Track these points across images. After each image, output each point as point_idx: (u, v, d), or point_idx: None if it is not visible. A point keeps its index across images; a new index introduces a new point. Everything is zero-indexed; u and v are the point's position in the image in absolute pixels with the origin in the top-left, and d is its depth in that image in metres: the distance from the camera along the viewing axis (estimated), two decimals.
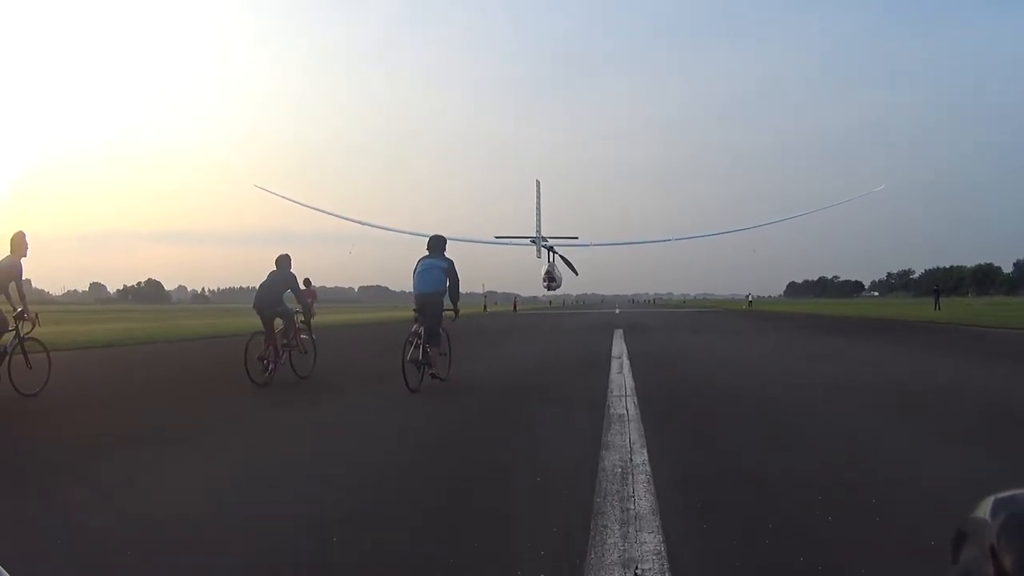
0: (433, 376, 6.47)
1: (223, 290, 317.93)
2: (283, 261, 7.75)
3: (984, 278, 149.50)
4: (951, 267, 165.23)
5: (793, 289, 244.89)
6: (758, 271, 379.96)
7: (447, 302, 6.73)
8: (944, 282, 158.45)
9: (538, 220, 59.61)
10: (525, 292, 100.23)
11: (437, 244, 6.84)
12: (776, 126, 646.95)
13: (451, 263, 6.70)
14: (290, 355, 7.52)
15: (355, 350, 12.76)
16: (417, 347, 6.26)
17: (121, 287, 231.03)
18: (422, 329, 6.36)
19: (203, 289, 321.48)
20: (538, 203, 59.46)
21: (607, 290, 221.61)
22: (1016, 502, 0.57)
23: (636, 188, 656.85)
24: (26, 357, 6.32)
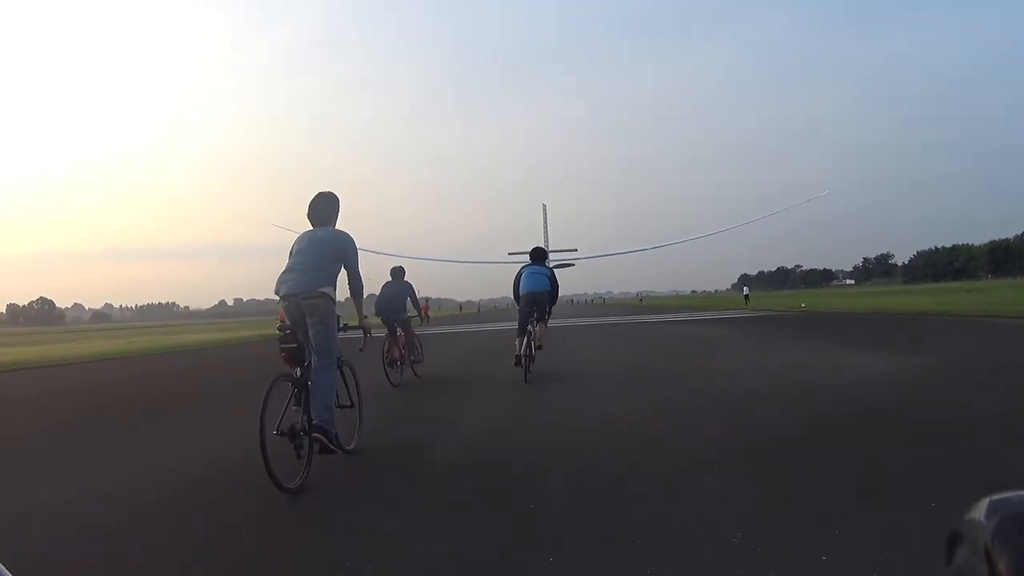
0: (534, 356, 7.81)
1: (143, 307, 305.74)
2: (398, 272, 8.73)
3: (1003, 257, 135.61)
4: (953, 247, 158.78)
5: (747, 283, 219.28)
6: (704, 265, 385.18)
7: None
8: (947, 265, 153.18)
9: (545, 238, 79.39)
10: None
11: (540, 254, 8.58)
12: (726, 122, 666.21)
13: (552, 271, 8.46)
14: (411, 358, 8.47)
15: None
16: (529, 344, 7.68)
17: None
18: (530, 327, 7.82)
19: (119, 305, 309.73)
20: (545, 224, 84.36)
21: None
22: (1011, 504, 0.59)
23: (583, 189, 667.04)
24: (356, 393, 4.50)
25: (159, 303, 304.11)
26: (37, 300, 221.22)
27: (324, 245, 4.04)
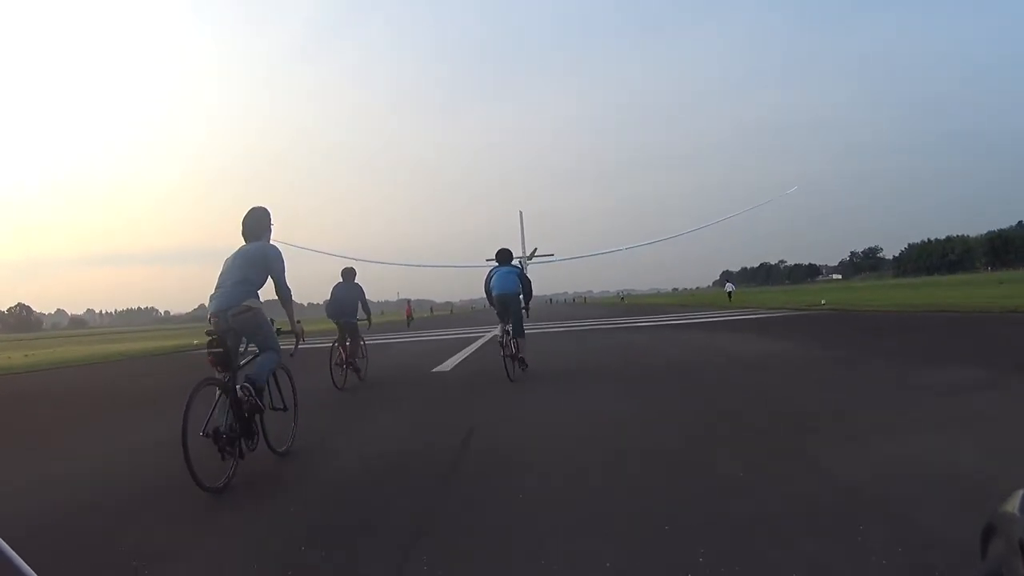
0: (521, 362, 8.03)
1: (121, 312, 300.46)
2: (349, 274, 8.79)
3: (1003, 248, 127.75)
4: (948, 238, 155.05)
5: (730, 278, 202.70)
6: (684, 262, 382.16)
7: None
8: (942, 257, 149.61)
9: (523, 244, 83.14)
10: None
11: (507, 256, 8.43)
12: (711, 120, 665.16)
13: (521, 271, 8.26)
14: (355, 360, 8.59)
15: None
16: (509, 344, 7.74)
17: None
18: (509, 327, 7.83)
19: (101, 311, 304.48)
20: (522, 230, 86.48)
21: None
22: None
23: (566, 189, 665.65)
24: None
25: (138, 308, 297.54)
26: (16, 306, 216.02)
27: (248, 259, 4.16)
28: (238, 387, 3.81)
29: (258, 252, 4.17)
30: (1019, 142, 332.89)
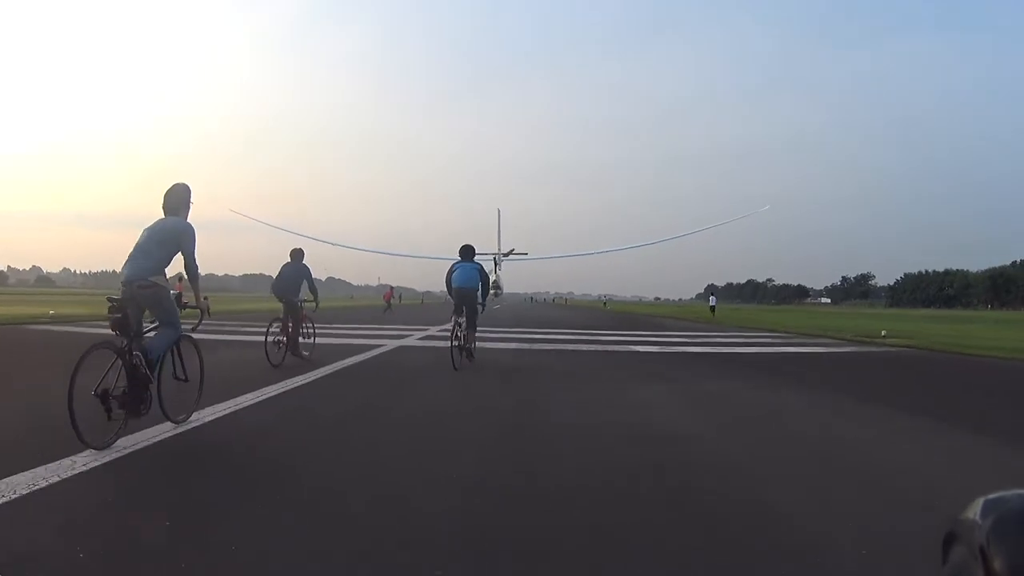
0: (469, 356, 8.76)
1: (96, 273, 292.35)
2: (297, 254, 9.26)
3: (1004, 286, 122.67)
4: (946, 271, 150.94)
5: (714, 292, 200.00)
6: (667, 272, 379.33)
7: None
8: (939, 290, 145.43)
9: (499, 241, 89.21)
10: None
11: (469, 252, 9.02)
12: (702, 132, 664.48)
13: (482, 267, 8.90)
14: (297, 338, 8.82)
15: None
16: (461, 336, 8.46)
17: None
18: (463, 320, 8.52)
19: (76, 270, 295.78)
20: (499, 228, 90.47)
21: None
22: (1005, 503, 0.59)
23: (541, 187, 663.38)
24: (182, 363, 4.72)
25: (113, 271, 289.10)
26: None
27: (163, 233, 4.43)
28: (134, 353, 4.03)
29: (172, 228, 4.44)
30: (1009, 184, 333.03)
